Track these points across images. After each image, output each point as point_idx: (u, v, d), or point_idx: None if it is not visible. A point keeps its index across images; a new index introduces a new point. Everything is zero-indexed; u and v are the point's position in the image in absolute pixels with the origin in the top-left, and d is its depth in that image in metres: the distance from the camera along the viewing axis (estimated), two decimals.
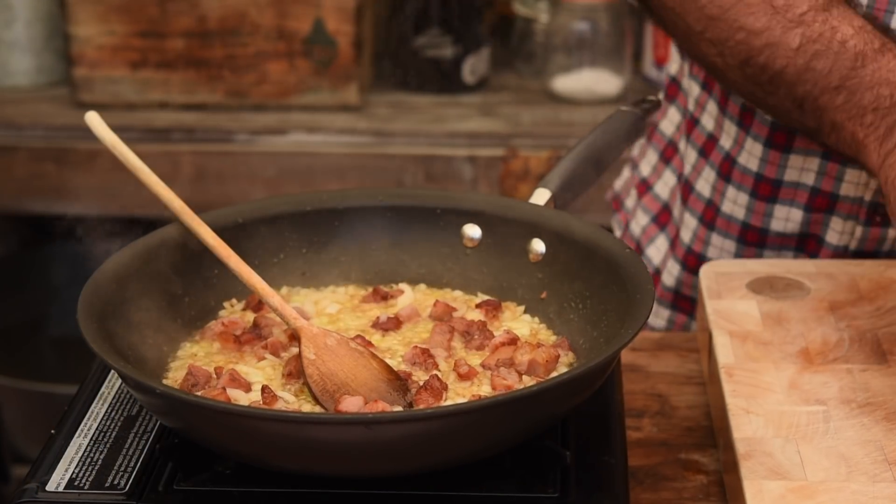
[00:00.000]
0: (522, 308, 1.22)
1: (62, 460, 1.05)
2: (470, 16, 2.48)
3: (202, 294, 1.20)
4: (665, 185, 1.59)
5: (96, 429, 1.09)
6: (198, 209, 1.20)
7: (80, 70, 2.40)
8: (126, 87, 2.40)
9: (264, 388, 1.07)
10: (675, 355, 1.35)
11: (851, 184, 1.39)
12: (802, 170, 1.41)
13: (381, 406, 1.04)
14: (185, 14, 2.36)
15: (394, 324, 1.19)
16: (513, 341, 1.14)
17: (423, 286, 1.25)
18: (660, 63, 2.48)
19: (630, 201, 1.65)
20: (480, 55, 2.50)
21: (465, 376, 1.10)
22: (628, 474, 1.06)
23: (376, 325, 1.19)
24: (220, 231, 1.19)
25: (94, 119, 1.23)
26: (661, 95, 1.57)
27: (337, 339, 1.11)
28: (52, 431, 1.09)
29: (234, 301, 1.22)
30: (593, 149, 1.29)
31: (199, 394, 1.07)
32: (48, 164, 2.33)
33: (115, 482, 1.02)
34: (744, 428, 1.09)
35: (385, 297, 1.23)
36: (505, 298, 1.23)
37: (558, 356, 1.12)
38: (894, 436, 1.09)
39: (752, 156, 1.43)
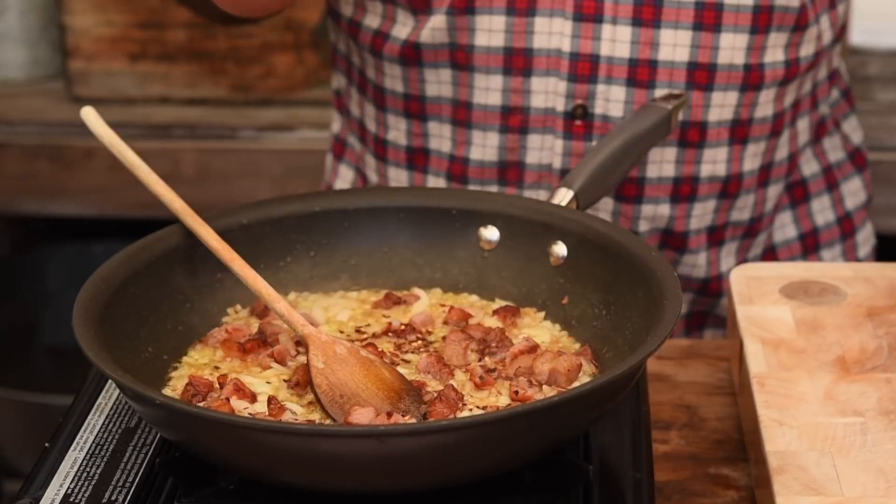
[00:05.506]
0: (543, 314, 1.22)
1: (57, 475, 1.05)
2: None
3: (204, 300, 1.21)
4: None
5: (93, 442, 1.09)
6: (200, 210, 1.21)
7: (76, 63, 2.40)
8: (124, 80, 2.40)
9: (270, 399, 1.07)
10: (703, 364, 1.35)
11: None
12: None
13: (394, 418, 1.04)
14: None
15: (407, 331, 1.19)
16: (532, 349, 1.14)
17: (437, 291, 1.26)
18: None
19: None
20: None
21: (482, 386, 1.11)
22: (655, 490, 1.06)
23: (388, 332, 1.19)
24: (224, 233, 1.19)
25: (90, 115, 1.23)
26: None
27: (347, 347, 1.12)
28: (47, 444, 1.09)
29: (238, 307, 1.23)
30: (618, 146, 1.29)
31: (201, 405, 1.07)
32: (42, 163, 2.34)
33: (113, 498, 1.03)
34: (776, 441, 1.09)
35: (398, 303, 1.23)
36: (524, 304, 1.23)
37: (580, 365, 1.12)
38: None
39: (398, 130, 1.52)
